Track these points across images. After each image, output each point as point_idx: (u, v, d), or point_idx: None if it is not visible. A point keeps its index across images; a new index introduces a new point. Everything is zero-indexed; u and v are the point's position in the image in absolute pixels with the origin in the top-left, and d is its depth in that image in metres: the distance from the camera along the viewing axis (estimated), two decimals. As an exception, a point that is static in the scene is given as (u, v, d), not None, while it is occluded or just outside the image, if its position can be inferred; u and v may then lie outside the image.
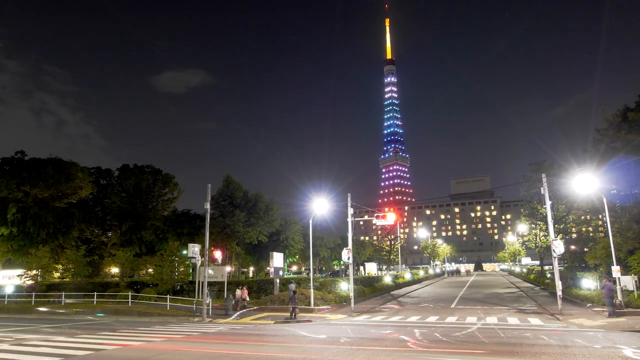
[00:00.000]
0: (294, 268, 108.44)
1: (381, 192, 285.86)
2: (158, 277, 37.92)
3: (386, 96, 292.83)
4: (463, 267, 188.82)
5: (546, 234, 46.80)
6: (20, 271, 44.97)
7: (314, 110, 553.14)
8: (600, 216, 45.94)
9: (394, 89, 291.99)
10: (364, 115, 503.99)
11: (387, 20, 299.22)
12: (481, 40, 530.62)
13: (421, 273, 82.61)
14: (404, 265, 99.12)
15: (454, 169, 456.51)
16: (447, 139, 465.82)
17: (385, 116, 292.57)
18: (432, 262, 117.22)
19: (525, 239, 65.44)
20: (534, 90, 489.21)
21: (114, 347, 15.88)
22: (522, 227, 71.62)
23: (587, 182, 27.21)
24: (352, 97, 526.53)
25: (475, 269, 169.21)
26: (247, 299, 31.69)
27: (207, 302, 27.63)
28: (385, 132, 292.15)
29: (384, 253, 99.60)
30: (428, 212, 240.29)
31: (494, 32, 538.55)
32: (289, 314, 25.53)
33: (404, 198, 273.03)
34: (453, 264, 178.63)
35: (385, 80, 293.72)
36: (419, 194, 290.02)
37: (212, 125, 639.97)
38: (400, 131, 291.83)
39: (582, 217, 50.38)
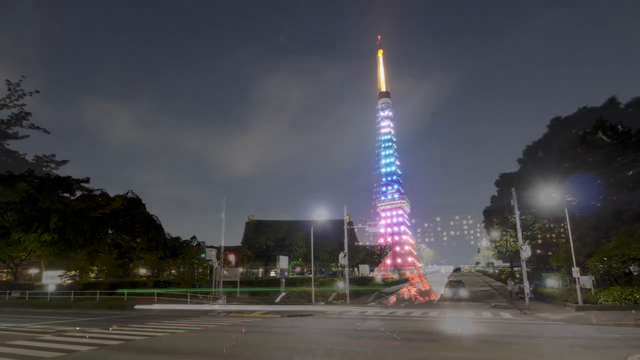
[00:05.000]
0: (298, 269, 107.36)
1: (373, 203, 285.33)
2: (180, 277, 37.86)
3: (377, 119, 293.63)
4: (443, 269, 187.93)
5: (515, 239, 46.73)
6: (60, 272, 44.87)
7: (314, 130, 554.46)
8: (562, 224, 45.85)
9: (382, 114, 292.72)
10: (359, 135, 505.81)
11: (380, 51, 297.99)
12: (460, 70, 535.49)
13: (407, 274, 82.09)
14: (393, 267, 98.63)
15: (438, 183, 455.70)
16: (431, 156, 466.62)
17: (378, 142, 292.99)
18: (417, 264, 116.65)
19: (497, 244, 65.21)
20: (508, 114, 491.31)
21: (142, 337, 15.86)
22: (495, 233, 71.56)
23: (551, 195, 27.39)
24: (348, 119, 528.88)
25: (454, 270, 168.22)
26: None
27: (223, 299, 27.58)
28: (380, 160, 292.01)
29: (376, 256, 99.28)
30: (414, 220, 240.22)
31: (473, 64, 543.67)
32: (293, 308, 25.45)
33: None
34: (435, 265, 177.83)
35: (378, 108, 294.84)
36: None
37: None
38: (392, 152, 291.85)
39: (547, 225, 50.19)
